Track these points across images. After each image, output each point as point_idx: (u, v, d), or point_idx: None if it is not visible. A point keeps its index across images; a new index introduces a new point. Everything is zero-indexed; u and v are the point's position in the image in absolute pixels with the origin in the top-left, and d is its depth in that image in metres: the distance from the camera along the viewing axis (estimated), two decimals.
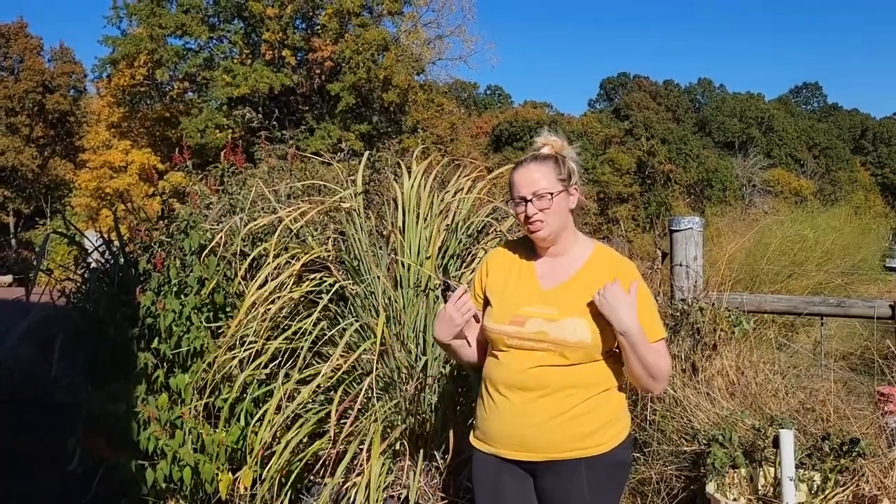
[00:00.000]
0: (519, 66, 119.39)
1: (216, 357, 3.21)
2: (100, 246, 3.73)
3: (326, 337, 3.17)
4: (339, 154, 3.66)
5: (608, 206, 47.19)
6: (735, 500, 3.26)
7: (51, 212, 33.77)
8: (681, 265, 4.15)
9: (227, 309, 3.42)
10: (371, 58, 27.58)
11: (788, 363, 4.09)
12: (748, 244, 6.97)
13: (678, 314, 4.01)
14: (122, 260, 3.64)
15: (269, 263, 3.08)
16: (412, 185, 3.34)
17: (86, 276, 3.70)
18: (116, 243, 3.72)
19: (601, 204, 46.69)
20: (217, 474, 3.29)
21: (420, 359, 3.17)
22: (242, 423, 3.26)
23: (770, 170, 53.76)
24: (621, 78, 72.40)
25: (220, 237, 3.27)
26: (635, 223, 43.96)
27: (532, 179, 2.15)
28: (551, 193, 2.13)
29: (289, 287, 3.11)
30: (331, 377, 2.88)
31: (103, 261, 3.71)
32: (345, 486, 3.05)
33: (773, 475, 3.35)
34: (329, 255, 3.21)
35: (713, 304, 3.98)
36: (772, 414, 3.60)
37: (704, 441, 3.49)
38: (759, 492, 3.37)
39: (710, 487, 3.27)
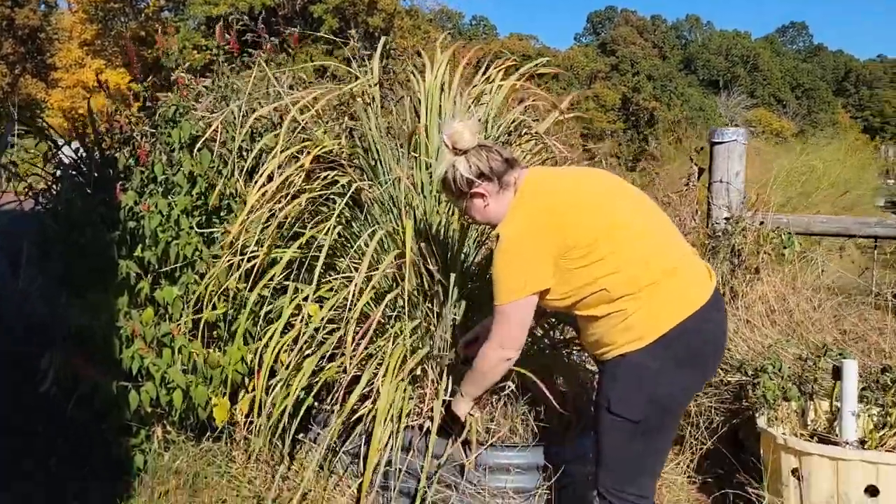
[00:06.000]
0: None
1: (210, 267, 2.80)
2: (73, 140, 3.25)
3: (337, 245, 2.77)
4: (351, 39, 3.16)
5: (590, 141, 46.63)
6: (785, 434, 2.96)
7: (24, 131, 32.52)
8: (721, 181, 3.78)
9: (223, 212, 2.98)
10: None
11: (833, 288, 3.77)
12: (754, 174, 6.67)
13: (719, 234, 3.66)
14: (98, 154, 3.16)
15: (274, 156, 2.62)
16: (435, 76, 2.90)
17: (57, 174, 3.23)
18: (92, 137, 3.23)
19: (583, 139, 46.11)
20: (211, 399, 2.92)
21: (443, 274, 2.79)
22: (241, 342, 2.86)
23: (753, 110, 53.21)
24: (608, 11, 71.02)
25: (217, 127, 2.80)
26: (618, 160, 43.54)
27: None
28: (461, 210, 2.35)
29: (297, 186, 2.67)
30: (359, 294, 2.49)
31: (76, 158, 3.23)
32: (358, 415, 2.70)
33: (823, 408, 3.06)
34: (342, 151, 2.77)
35: (758, 225, 3.62)
36: (818, 343, 3.29)
37: (750, 371, 3.18)
38: (809, 427, 3.08)
39: (762, 421, 2.97)
